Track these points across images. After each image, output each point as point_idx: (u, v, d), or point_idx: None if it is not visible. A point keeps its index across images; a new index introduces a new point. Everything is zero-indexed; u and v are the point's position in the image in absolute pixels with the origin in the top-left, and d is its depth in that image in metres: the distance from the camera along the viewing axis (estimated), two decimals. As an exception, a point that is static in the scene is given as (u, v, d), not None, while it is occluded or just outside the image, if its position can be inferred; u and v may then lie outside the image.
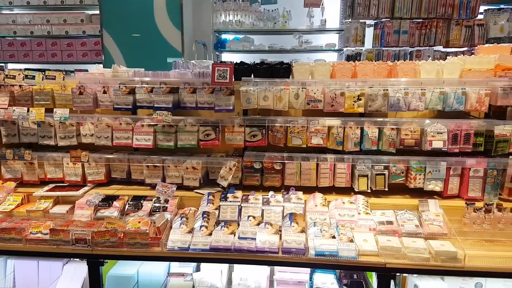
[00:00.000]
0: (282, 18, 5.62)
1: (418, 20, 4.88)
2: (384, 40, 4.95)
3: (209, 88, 2.58)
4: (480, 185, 2.43)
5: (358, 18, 5.00)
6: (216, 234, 2.19)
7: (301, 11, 5.53)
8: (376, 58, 5.11)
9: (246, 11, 5.61)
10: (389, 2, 4.83)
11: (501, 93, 2.32)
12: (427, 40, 4.87)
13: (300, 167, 2.61)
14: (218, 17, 5.74)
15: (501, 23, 4.75)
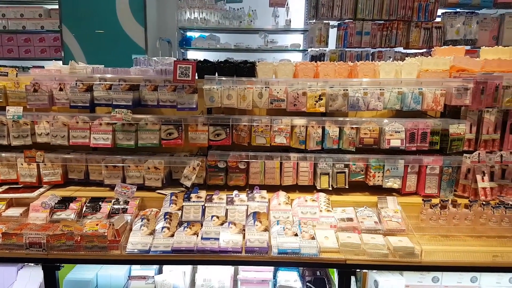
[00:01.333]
0: (247, 17, 5.62)
1: (380, 22, 5.01)
2: (347, 41, 5.05)
3: (171, 86, 2.53)
4: (436, 182, 2.52)
5: (322, 19, 5.07)
6: (178, 235, 2.15)
7: (267, 11, 5.55)
8: (340, 59, 5.20)
9: (211, 9, 5.56)
10: (352, 3, 4.93)
11: (455, 93, 2.42)
12: (388, 42, 5.01)
13: (264, 166, 2.61)
14: (183, 14, 5.66)
15: (457, 26, 4.97)
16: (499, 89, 2.44)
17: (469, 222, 2.28)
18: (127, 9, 5.59)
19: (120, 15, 5.60)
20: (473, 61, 2.57)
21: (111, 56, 5.55)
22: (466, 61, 2.55)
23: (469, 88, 2.41)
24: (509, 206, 2.29)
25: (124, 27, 5.61)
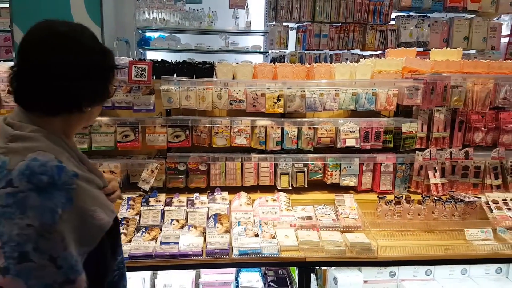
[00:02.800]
0: (208, 18, 5.58)
1: (337, 25, 5.13)
2: (306, 43, 5.14)
3: (126, 87, 2.47)
4: (391, 179, 2.61)
5: (281, 21, 5.13)
6: (136, 241, 2.09)
7: (227, 12, 5.53)
8: (299, 61, 5.28)
9: (170, 9, 5.47)
10: (310, 6, 5.02)
11: (407, 93, 2.52)
12: (346, 44, 5.15)
13: (225, 167, 2.60)
14: (141, 14, 5.53)
15: (410, 28, 5.18)
16: (447, 88, 2.56)
17: (422, 217, 2.37)
18: (82, 8, 5.39)
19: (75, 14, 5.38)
20: (423, 62, 2.68)
21: (66, 57, 5.32)
22: (417, 62, 2.66)
23: (420, 88, 2.52)
24: (459, 200, 2.41)
25: (80, 27, 5.40)
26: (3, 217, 0.99)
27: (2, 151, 1.05)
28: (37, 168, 1.01)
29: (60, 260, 1.02)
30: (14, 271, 0.98)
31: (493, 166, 2.60)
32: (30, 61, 1.09)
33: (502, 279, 2.57)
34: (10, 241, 0.98)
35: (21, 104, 1.12)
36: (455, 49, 2.83)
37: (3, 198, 1.00)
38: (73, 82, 1.11)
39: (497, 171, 2.61)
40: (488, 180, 2.60)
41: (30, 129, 1.09)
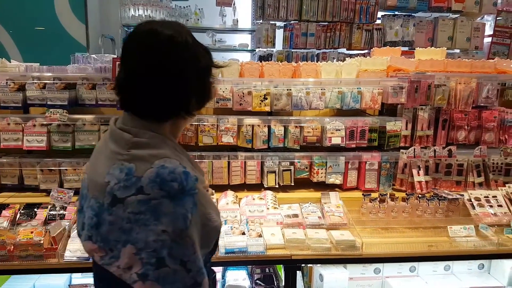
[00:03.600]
0: (194, 15, 5.54)
1: (324, 24, 5.15)
2: (293, 42, 5.14)
3: (110, 84, 2.43)
4: (376, 177, 2.63)
5: (268, 20, 5.12)
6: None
7: (214, 10, 5.50)
8: (286, 59, 5.28)
9: (156, 6, 5.41)
10: (297, 5, 5.02)
11: (391, 92, 2.55)
12: (332, 43, 5.17)
13: (212, 166, 2.59)
14: (127, 11, 5.47)
15: (396, 28, 5.23)
16: (431, 87, 2.60)
17: (406, 214, 2.40)
18: (66, 5, 5.31)
19: (59, 11, 5.31)
20: (408, 61, 2.71)
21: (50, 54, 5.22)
22: (402, 61, 2.69)
23: (404, 87, 2.54)
24: (442, 198, 2.44)
25: (64, 24, 5.32)
26: (137, 223, 1.01)
27: (125, 158, 1.05)
28: (167, 176, 1.02)
29: (189, 264, 1.03)
30: (153, 277, 1.00)
31: (475, 164, 2.64)
32: (142, 68, 1.07)
33: (484, 275, 2.61)
34: (146, 247, 1.00)
35: (132, 111, 1.11)
36: (439, 48, 2.87)
37: (135, 205, 1.01)
38: (185, 87, 1.11)
39: (480, 169, 2.65)
40: (471, 178, 2.64)
41: (148, 135, 1.08)
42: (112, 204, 1.03)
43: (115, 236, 1.03)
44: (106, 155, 1.10)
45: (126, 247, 1.02)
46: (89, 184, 1.13)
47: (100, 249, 1.06)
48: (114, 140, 1.10)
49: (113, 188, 1.03)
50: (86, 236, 1.10)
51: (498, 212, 2.43)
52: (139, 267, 1.00)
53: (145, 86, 1.07)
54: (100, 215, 1.05)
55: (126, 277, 1.02)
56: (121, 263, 1.03)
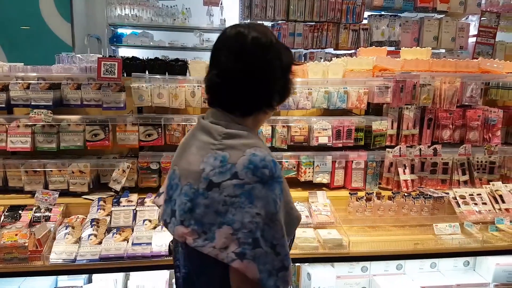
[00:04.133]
0: (181, 15, 5.51)
1: (311, 23, 5.17)
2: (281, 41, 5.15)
3: (95, 84, 2.41)
4: (362, 176, 2.65)
5: (256, 19, 5.11)
6: (107, 242, 2.05)
7: (201, 9, 5.47)
8: (274, 59, 5.28)
9: (143, 6, 5.37)
10: (284, 5, 5.03)
11: (377, 92, 2.57)
12: (319, 43, 5.18)
13: (199, 166, 2.57)
14: (113, 10, 5.41)
15: (382, 28, 5.26)
16: (416, 87, 2.62)
17: (392, 212, 2.42)
18: (51, 4, 5.23)
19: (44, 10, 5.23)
20: (393, 61, 2.74)
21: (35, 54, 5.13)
22: (388, 61, 2.71)
23: (390, 86, 2.56)
24: (427, 196, 2.47)
25: (49, 23, 5.24)
26: (233, 206, 1.10)
27: (218, 147, 1.16)
28: (259, 162, 1.11)
29: (278, 247, 1.11)
30: (250, 256, 1.08)
31: (460, 163, 2.68)
32: (232, 69, 1.17)
33: (469, 272, 2.65)
34: (242, 228, 1.08)
35: (221, 107, 1.23)
36: (424, 48, 2.90)
37: (231, 188, 1.10)
38: (270, 84, 1.20)
39: (464, 167, 2.69)
40: (456, 176, 2.68)
41: (237, 127, 1.20)
42: (208, 189, 1.13)
43: (209, 218, 1.12)
44: (197, 146, 1.22)
45: (221, 228, 1.10)
46: (181, 174, 1.23)
47: (193, 232, 1.15)
48: (206, 132, 1.21)
49: (209, 174, 1.13)
50: (178, 221, 1.20)
51: (483, 210, 2.47)
52: (235, 247, 1.08)
53: (234, 84, 1.18)
54: (195, 200, 1.15)
55: (222, 256, 1.10)
56: (217, 243, 1.10)
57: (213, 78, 1.20)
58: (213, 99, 1.25)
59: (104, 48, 5.50)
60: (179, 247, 1.31)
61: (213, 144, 1.17)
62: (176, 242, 1.33)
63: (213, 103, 1.25)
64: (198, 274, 1.24)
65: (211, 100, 1.26)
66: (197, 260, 1.21)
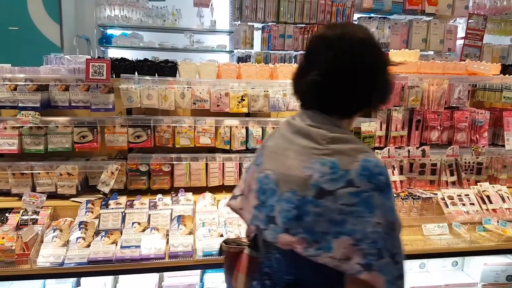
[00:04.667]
0: (171, 16, 5.49)
1: (301, 25, 5.19)
2: (271, 43, 5.16)
3: (84, 86, 2.38)
4: (352, 177, 2.66)
5: (246, 21, 5.12)
6: (95, 245, 2.04)
7: (191, 10, 5.46)
8: (265, 61, 5.30)
9: (133, 7, 5.34)
10: (275, 7, 5.04)
11: (366, 94, 2.58)
12: (310, 44, 5.21)
13: (190, 168, 2.57)
14: (102, 11, 5.37)
15: (372, 30, 5.30)
16: (404, 89, 2.65)
17: (382, 213, 2.44)
18: (39, 4, 5.17)
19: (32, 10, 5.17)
20: (382, 63, 2.75)
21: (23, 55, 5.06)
22: (376, 63, 2.73)
23: (379, 88, 2.58)
24: (416, 197, 2.49)
25: (37, 24, 5.17)
26: (351, 215, 1.05)
27: (325, 153, 1.11)
28: (374, 169, 1.07)
29: (397, 256, 1.08)
30: (377, 267, 1.04)
31: (448, 164, 2.71)
32: (339, 70, 1.14)
33: (457, 272, 2.69)
34: (365, 238, 1.04)
35: (319, 109, 1.18)
36: (413, 50, 2.93)
37: (347, 197, 1.06)
38: (374, 85, 1.17)
39: (452, 168, 2.72)
40: (444, 177, 2.71)
41: (340, 131, 1.15)
42: (319, 197, 1.08)
43: (322, 227, 1.08)
44: (295, 150, 1.16)
45: (339, 238, 1.06)
46: (279, 179, 1.18)
47: (302, 240, 1.10)
48: (304, 136, 1.16)
49: (318, 181, 1.08)
50: (281, 229, 1.14)
51: (471, 210, 2.50)
52: (360, 258, 1.04)
53: (339, 85, 1.15)
54: (302, 208, 1.10)
55: (345, 267, 1.06)
56: (335, 254, 1.06)
57: (315, 79, 1.16)
58: (310, 100, 1.21)
59: (93, 49, 5.46)
60: (270, 254, 1.25)
61: (317, 149, 1.12)
62: (267, 248, 1.27)
63: (309, 104, 1.22)
64: (307, 281, 1.20)
65: (306, 102, 1.23)
66: (307, 267, 1.16)
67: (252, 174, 1.32)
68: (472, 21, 5.53)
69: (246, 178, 1.39)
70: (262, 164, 1.27)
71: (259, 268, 1.30)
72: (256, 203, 1.26)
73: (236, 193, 1.44)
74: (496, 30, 6.03)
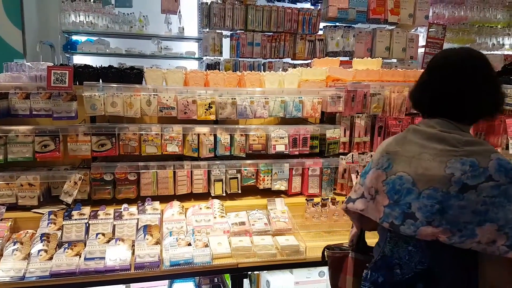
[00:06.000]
0: (139, 22, 5.44)
1: (269, 34, 5.26)
2: (240, 51, 5.19)
3: (45, 94, 2.32)
4: (318, 182, 2.72)
5: (214, 28, 5.14)
6: (58, 258, 1.98)
7: (159, 17, 5.42)
8: (234, 68, 5.33)
9: (98, 13, 5.24)
10: (243, 15, 5.09)
11: (330, 101, 2.66)
12: (277, 53, 5.28)
13: (157, 176, 2.54)
14: (67, 17, 5.25)
15: (337, 38, 5.45)
16: (367, 96, 2.74)
17: (347, 217, 2.48)
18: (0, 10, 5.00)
19: (-9, 15, 4.98)
20: (345, 71, 2.84)
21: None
22: (340, 72, 2.82)
23: (342, 96, 2.66)
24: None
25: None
26: (494, 205, 1.27)
27: (463, 154, 1.32)
28: (507, 165, 1.30)
29: None
30: None
31: (409, 167, 2.81)
32: (471, 84, 1.37)
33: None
34: (508, 223, 1.26)
35: (451, 117, 1.40)
36: (375, 59, 3.04)
37: (488, 190, 1.28)
38: (497, 95, 1.41)
39: (413, 171, 2.82)
40: (406, 180, 2.80)
41: (469, 135, 1.39)
42: (462, 191, 1.29)
43: (466, 218, 1.28)
44: (432, 153, 1.36)
45: (483, 226, 1.27)
46: (417, 179, 1.37)
47: (445, 231, 1.30)
48: (439, 141, 1.37)
49: (461, 178, 1.30)
50: (422, 223, 1.33)
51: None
52: (504, 240, 1.25)
53: (470, 97, 1.38)
54: (445, 202, 1.31)
55: (491, 250, 1.26)
56: (481, 239, 1.27)
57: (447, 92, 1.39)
58: (441, 110, 1.41)
59: (57, 55, 5.31)
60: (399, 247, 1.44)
61: (455, 151, 1.33)
62: (396, 241, 1.46)
63: (434, 114, 1.42)
64: (440, 268, 1.38)
65: (436, 111, 1.42)
66: (443, 255, 1.36)
67: (375, 178, 1.48)
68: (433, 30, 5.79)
69: (364, 182, 1.54)
70: (392, 168, 1.45)
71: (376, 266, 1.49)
72: (387, 203, 1.43)
73: (353, 197, 1.59)
74: (454, 39, 6.33)
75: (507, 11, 6.30)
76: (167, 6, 4.94)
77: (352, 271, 1.67)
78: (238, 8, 5.05)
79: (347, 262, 1.69)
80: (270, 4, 5.34)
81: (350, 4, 5.26)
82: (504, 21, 6.31)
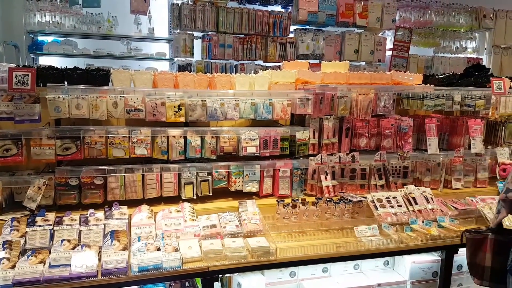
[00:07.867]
0: (107, 23, 5.33)
1: (241, 36, 5.28)
2: (212, 52, 5.18)
3: (7, 96, 2.24)
4: (289, 183, 2.74)
5: (185, 29, 5.11)
6: (21, 266, 1.91)
7: (128, 18, 5.34)
8: (206, 70, 5.31)
9: (65, 13, 5.11)
10: (214, 16, 5.08)
11: (299, 104, 2.69)
12: (249, 55, 5.31)
13: (125, 180, 2.49)
14: (32, 17, 5.09)
15: (307, 41, 5.53)
16: (334, 98, 2.78)
17: (316, 217, 2.53)
18: (-40, 8, 4.79)
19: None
20: (314, 74, 2.88)
21: None
22: (309, 74, 2.85)
23: (310, 98, 2.70)
24: (348, 201, 2.61)
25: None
26: None
27: None
28: None
29: None
30: None
31: (376, 168, 2.88)
32: None
33: (389, 271, 2.83)
34: None
35: None
36: (343, 62, 3.09)
37: None
38: None
39: (381, 172, 2.89)
40: (373, 181, 2.87)
41: None
42: None
43: None
44: None
45: None
46: None
47: None
48: None
49: None
50: None
51: (398, 212, 2.67)
52: None
53: None
54: None
55: None
56: None
57: None
58: None
59: (22, 56, 5.14)
60: None
61: None
62: None
63: None
64: None
65: None
66: None
67: None
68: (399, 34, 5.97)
69: None
70: None
71: None
72: None
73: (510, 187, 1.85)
74: (420, 42, 6.56)
75: (469, 16, 6.58)
76: (136, 7, 4.87)
77: (492, 249, 2.00)
78: (209, 9, 5.04)
79: (487, 242, 2.03)
80: (241, 6, 5.35)
81: (320, 8, 5.36)
82: (466, 25, 6.59)
